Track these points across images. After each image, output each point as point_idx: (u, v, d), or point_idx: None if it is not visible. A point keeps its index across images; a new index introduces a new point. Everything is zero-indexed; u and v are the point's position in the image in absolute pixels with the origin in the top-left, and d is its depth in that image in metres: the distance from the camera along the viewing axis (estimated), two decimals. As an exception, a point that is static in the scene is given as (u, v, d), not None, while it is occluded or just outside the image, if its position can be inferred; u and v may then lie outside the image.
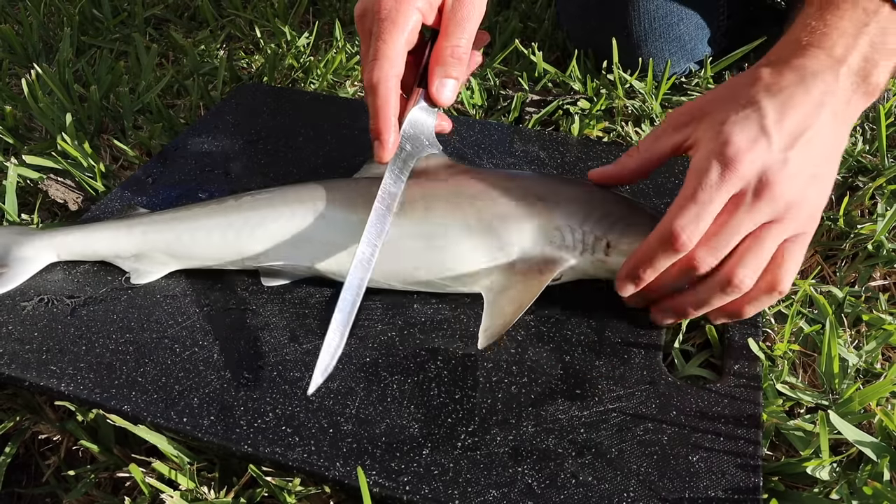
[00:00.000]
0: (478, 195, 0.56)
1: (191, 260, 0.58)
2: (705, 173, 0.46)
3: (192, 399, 0.49)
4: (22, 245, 0.59)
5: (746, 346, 0.53)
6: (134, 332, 0.54)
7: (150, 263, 0.59)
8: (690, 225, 0.47)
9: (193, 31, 1.06)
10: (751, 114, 0.47)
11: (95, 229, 0.59)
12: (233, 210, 0.58)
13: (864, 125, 0.80)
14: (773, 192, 0.46)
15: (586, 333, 0.54)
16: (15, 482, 0.54)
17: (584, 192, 0.57)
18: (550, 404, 0.49)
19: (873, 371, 0.54)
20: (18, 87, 0.89)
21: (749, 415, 0.48)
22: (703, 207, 0.46)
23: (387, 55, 0.53)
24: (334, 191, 0.58)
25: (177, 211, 0.60)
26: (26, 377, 0.51)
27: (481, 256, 0.54)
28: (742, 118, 0.47)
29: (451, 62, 0.55)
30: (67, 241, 0.59)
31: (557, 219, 0.54)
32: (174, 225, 0.58)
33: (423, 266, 0.55)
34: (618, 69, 0.86)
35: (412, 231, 0.55)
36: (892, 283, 0.63)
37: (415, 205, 0.56)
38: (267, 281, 0.58)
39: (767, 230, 0.48)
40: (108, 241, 0.59)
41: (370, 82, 0.53)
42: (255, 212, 0.58)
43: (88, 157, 0.73)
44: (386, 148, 0.54)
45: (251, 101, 0.82)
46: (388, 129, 0.53)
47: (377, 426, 0.48)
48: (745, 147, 0.46)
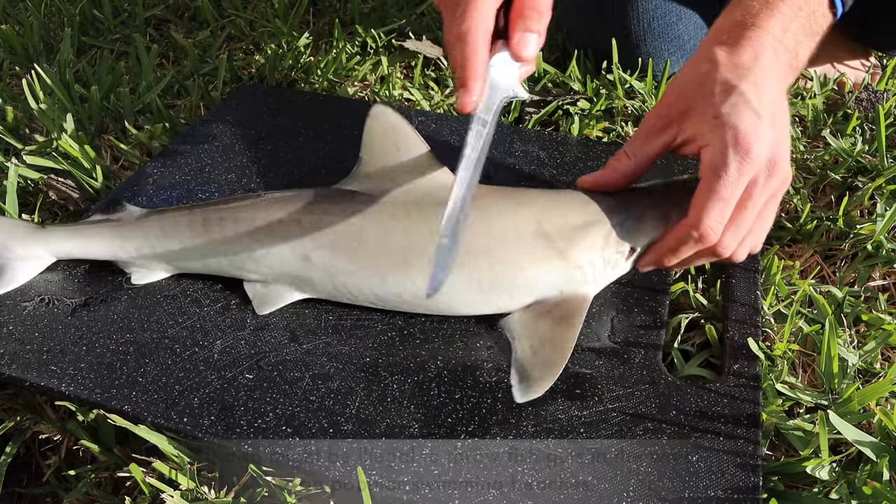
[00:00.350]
0: (488, 245, 0.53)
1: (189, 269, 0.59)
2: (725, 168, 0.48)
3: (193, 399, 0.49)
4: (22, 245, 0.59)
5: (746, 346, 0.53)
6: (134, 332, 0.54)
7: (149, 269, 0.59)
8: (717, 223, 0.49)
9: (194, 31, 1.06)
10: (737, 99, 0.49)
11: (95, 233, 0.59)
12: (231, 227, 0.56)
13: (864, 125, 0.80)
14: (779, 168, 0.49)
15: (586, 333, 0.54)
16: (16, 482, 0.54)
17: (590, 213, 0.54)
18: (550, 404, 0.49)
19: (873, 371, 0.54)
20: (19, 88, 0.89)
21: (748, 415, 0.49)
22: (727, 203, 0.49)
23: (476, 7, 0.52)
24: (332, 203, 0.56)
25: (177, 216, 0.58)
26: (27, 377, 0.51)
27: (495, 302, 0.53)
28: (732, 105, 0.49)
29: (531, 15, 0.54)
30: (67, 243, 0.59)
31: (578, 255, 0.53)
32: (174, 236, 0.57)
33: (431, 305, 0.54)
34: (617, 69, 0.86)
35: (422, 266, 0.52)
36: (892, 283, 0.63)
37: (420, 229, 0.53)
38: (260, 310, 0.56)
39: (760, 196, 0.50)
40: (107, 245, 0.58)
41: (459, 32, 0.52)
42: (251, 240, 0.55)
43: (89, 157, 0.73)
44: (471, 96, 0.51)
45: (251, 101, 0.82)
46: (475, 76, 0.51)
47: (377, 426, 0.48)
48: (752, 131, 0.48)
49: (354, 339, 0.54)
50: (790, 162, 0.52)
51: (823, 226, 0.68)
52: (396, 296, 0.54)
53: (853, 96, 0.83)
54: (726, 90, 0.50)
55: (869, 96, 0.83)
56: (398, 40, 1.00)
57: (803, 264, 0.66)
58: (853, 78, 0.90)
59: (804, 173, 0.75)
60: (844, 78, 0.88)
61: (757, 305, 0.57)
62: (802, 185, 0.73)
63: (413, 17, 1.05)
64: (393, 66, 0.95)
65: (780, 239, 0.68)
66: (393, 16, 1.06)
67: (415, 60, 0.94)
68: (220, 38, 1.00)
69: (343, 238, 0.54)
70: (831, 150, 0.75)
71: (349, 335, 0.54)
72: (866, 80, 0.87)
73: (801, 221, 0.68)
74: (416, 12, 1.06)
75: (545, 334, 0.51)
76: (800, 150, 0.77)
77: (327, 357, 0.52)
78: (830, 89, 0.86)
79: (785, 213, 0.71)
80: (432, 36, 1.01)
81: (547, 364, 0.49)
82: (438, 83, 0.92)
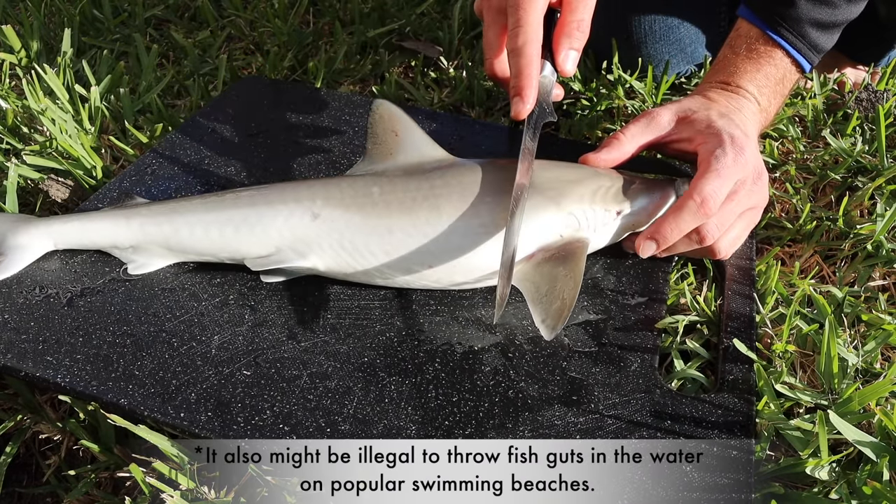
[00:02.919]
0: (487, 195, 0.56)
1: (188, 254, 0.58)
2: (724, 155, 0.55)
3: (190, 394, 0.49)
4: (19, 233, 0.58)
5: (740, 355, 0.53)
6: (131, 325, 0.54)
7: (147, 255, 0.58)
8: (717, 192, 0.54)
9: (194, 31, 1.06)
10: (731, 122, 0.59)
11: (93, 219, 0.59)
12: (231, 206, 0.58)
13: (864, 125, 0.80)
14: (763, 182, 0.58)
15: (583, 340, 0.54)
16: (16, 482, 0.54)
17: (581, 173, 0.59)
18: (547, 410, 0.49)
19: (873, 371, 0.54)
20: (19, 88, 0.89)
21: (742, 425, 0.49)
22: (724, 181, 0.55)
23: (529, 22, 0.58)
24: (331, 188, 0.58)
25: (176, 203, 0.59)
26: (22, 367, 0.50)
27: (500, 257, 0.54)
28: (727, 121, 0.58)
29: (577, 35, 0.60)
30: (65, 230, 0.59)
31: (570, 204, 0.56)
32: (172, 218, 0.58)
33: (438, 266, 0.55)
34: (618, 69, 0.86)
35: (424, 231, 0.55)
36: (892, 283, 0.63)
37: (422, 204, 0.56)
38: (266, 277, 0.58)
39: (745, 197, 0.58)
40: (106, 231, 0.58)
41: (516, 45, 0.58)
42: (253, 209, 0.57)
43: (89, 157, 0.73)
44: (526, 104, 0.58)
45: (252, 94, 0.82)
46: (531, 86, 0.58)
47: (374, 426, 0.48)
48: (744, 140, 0.57)
49: (353, 339, 0.54)
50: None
51: (823, 226, 0.67)
52: (403, 257, 0.55)
53: (853, 96, 0.83)
54: (722, 115, 0.59)
55: (869, 96, 0.83)
56: (398, 40, 1.01)
57: (803, 264, 0.66)
58: (853, 78, 0.90)
59: (804, 173, 0.75)
60: (844, 78, 0.87)
61: (752, 313, 0.57)
62: (802, 185, 0.73)
63: (413, 17, 1.05)
64: (393, 65, 0.95)
65: (780, 239, 0.67)
66: (393, 16, 1.06)
67: (415, 60, 0.94)
68: (220, 38, 1.00)
69: (351, 196, 0.57)
70: (831, 150, 0.75)
71: (347, 334, 0.54)
72: (866, 80, 0.87)
73: (801, 221, 0.67)
74: (416, 12, 1.06)
75: (552, 272, 0.53)
76: (800, 150, 0.77)
77: (325, 356, 0.52)
78: (830, 89, 0.86)
79: (785, 213, 0.71)
80: (432, 36, 1.01)
81: (560, 296, 0.51)
82: (438, 83, 0.92)
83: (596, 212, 0.57)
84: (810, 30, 0.65)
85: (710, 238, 0.56)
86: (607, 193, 0.57)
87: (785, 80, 0.66)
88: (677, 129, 0.61)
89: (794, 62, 0.66)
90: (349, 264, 0.56)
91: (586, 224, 0.56)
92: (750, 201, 0.58)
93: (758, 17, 0.66)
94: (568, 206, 0.56)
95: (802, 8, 0.64)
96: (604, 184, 0.58)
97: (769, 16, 0.65)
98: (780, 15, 0.65)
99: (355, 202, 0.56)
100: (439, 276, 0.55)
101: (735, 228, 0.58)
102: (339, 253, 0.55)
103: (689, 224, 0.55)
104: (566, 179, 0.58)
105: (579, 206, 0.56)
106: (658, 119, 0.61)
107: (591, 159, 0.61)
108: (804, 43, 0.65)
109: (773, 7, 0.65)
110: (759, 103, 0.64)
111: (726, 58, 0.67)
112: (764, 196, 0.59)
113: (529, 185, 0.55)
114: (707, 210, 0.54)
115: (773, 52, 0.65)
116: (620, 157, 0.61)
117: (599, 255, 0.61)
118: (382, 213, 0.55)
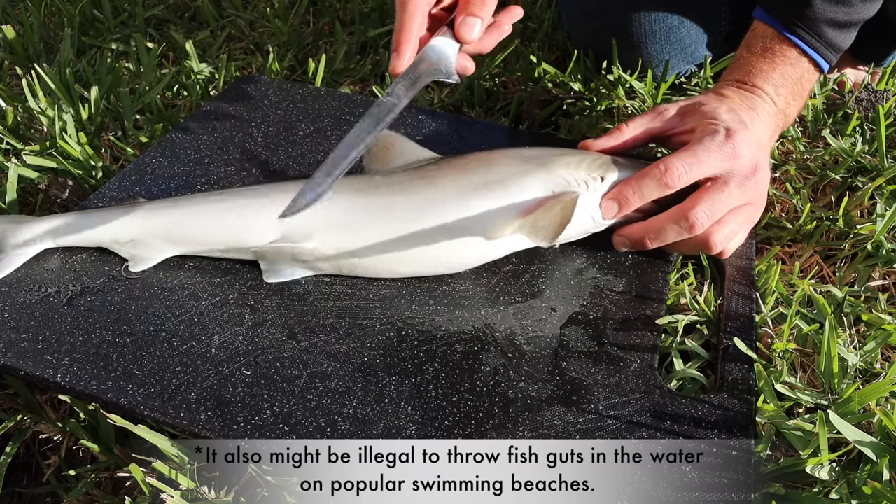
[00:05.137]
0: (479, 167, 0.59)
1: (189, 245, 0.58)
2: (708, 140, 0.57)
3: (189, 394, 0.49)
4: (17, 230, 0.58)
5: (740, 355, 0.53)
6: (131, 324, 0.54)
7: (148, 249, 0.58)
8: (682, 165, 0.56)
9: (194, 31, 1.06)
10: (736, 115, 0.60)
11: (93, 214, 0.59)
12: (233, 196, 0.59)
13: (864, 125, 0.80)
14: (759, 178, 0.58)
15: (583, 341, 0.54)
16: (15, 482, 0.54)
17: (566, 150, 0.63)
18: (546, 410, 0.49)
19: (873, 371, 0.54)
20: (19, 88, 0.89)
21: (742, 425, 0.49)
22: (697, 161, 0.56)
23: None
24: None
25: (177, 197, 0.61)
26: (22, 367, 0.50)
27: (497, 215, 0.56)
28: (733, 115, 0.60)
29: (477, 2, 0.60)
30: (64, 226, 0.58)
31: (558, 169, 0.59)
32: (174, 209, 0.58)
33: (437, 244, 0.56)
34: (618, 69, 0.86)
35: (420, 203, 0.57)
36: (892, 283, 0.63)
37: (418, 182, 0.58)
38: (269, 277, 0.58)
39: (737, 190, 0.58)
40: (105, 225, 0.58)
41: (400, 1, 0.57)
42: (255, 199, 0.58)
43: (89, 157, 0.73)
44: (401, 60, 0.57)
45: (252, 93, 0.82)
46: (408, 41, 0.57)
47: (374, 426, 0.48)
48: (743, 133, 0.58)
49: (352, 339, 0.54)
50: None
51: (823, 226, 0.67)
52: (403, 236, 0.56)
53: (853, 96, 0.83)
54: (730, 110, 0.60)
55: (869, 96, 0.83)
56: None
57: (803, 264, 0.66)
58: (853, 78, 0.90)
59: (804, 173, 0.75)
60: (844, 78, 0.87)
61: (752, 313, 0.57)
62: (802, 185, 0.73)
63: (413, 17, 1.04)
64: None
65: (780, 239, 0.67)
66: (393, 16, 1.05)
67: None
68: (220, 38, 1.00)
69: (355, 181, 0.60)
70: (831, 150, 0.75)
71: (347, 334, 0.54)
72: (866, 80, 0.87)
73: (801, 221, 0.67)
74: (416, 12, 1.06)
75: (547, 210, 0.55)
76: (800, 150, 0.77)
77: (325, 356, 0.52)
78: (830, 89, 0.86)
79: (785, 213, 0.71)
80: (432, 36, 1.01)
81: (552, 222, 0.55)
82: (438, 83, 0.92)
83: (581, 174, 0.59)
84: (827, 29, 0.65)
85: (699, 225, 0.56)
86: (593, 163, 0.60)
87: (803, 80, 0.66)
88: (683, 121, 0.62)
89: (812, 62, 0.66)
90: (350, 241, 0.56)
91: (575, 184, 0.59)
92: (744, 195, 0.58)
93: (773, 17, 0.66)
94: (556, 171, 0.59)
95: (818, 8, 0.64)
96: (589, 156, 0.61)
97: (785, 16, 0.65)
98: (796, 15, 0.65)
99: (358, 185, 0.59)
100: (439, 253, 0.57)
101: (730, 223, 0.58)
102: (341, 233, 0.56)
103: (651, 190, 0.57)
104: (552, 154, 0.61)
105: (566, 169, 0.59)
106: (665, 112, 0.63)
107: (588, 144, 0.64)
108: (821, 42, 0.65)
109: (788, 8, 0.65)
110: (776, 103, 0.64)
111: (742, 58, 0.67)
112: (761, 192, 0.59)
113: (398, 106, 0.55)
114: (669, 180, 0.56)
115: (790, 52, 0.65)
116: (617, 143, 0.63)
117: (599, 256, 0.61)
118: (384, 193, 0.58)
